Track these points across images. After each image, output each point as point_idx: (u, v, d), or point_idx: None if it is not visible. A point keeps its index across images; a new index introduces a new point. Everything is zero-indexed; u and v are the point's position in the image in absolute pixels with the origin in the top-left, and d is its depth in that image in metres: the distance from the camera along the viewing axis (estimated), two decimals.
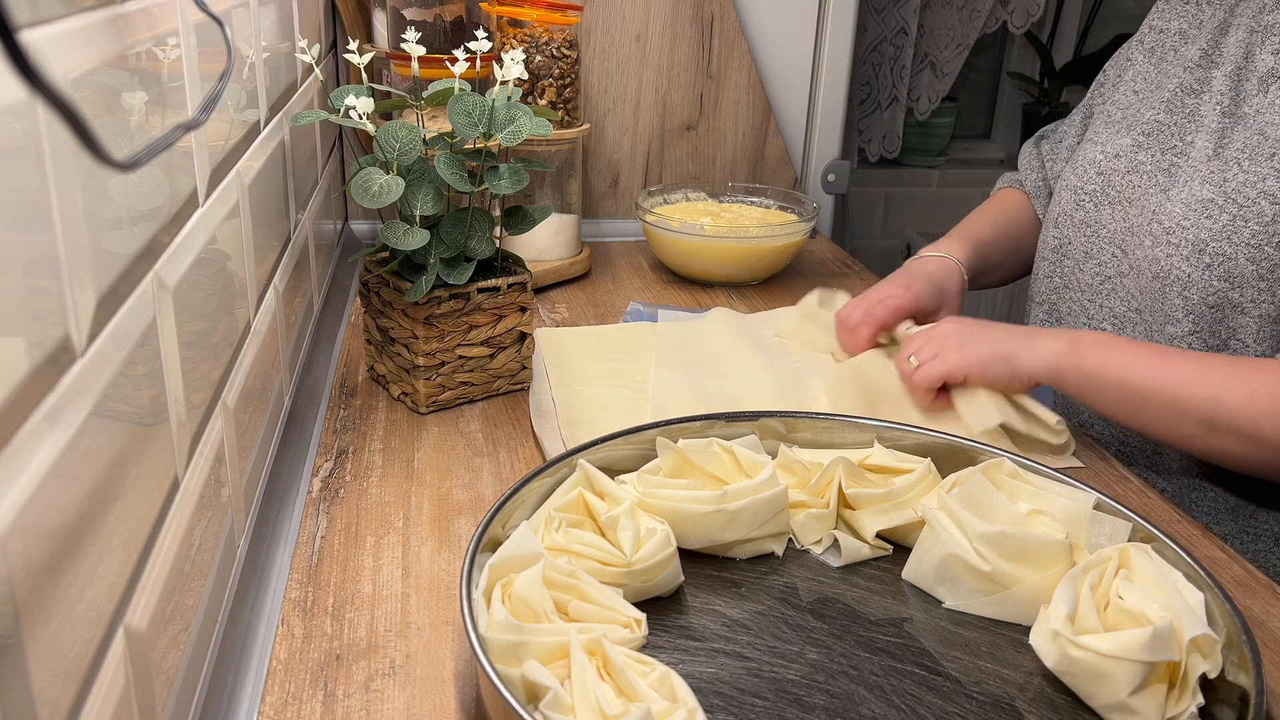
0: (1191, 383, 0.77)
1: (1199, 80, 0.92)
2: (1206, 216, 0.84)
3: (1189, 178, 0.87)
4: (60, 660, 0.36)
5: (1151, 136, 0.93)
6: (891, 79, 2.32)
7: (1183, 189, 0.87)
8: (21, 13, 0.34)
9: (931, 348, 0.88)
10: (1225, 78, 0.89)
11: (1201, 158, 0.87)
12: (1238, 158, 0.84)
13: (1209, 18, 0.95)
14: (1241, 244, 0.82)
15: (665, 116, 1.44)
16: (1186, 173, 0.88)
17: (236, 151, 0.69)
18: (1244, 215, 0.82)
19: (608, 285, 1.26)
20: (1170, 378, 0.78)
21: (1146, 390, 0.79)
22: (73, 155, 0.38)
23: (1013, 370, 0.84)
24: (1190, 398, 0.77)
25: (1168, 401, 0.78)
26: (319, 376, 0.97)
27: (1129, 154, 0.94)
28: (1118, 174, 0.95)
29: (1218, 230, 0.83)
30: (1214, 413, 0.76)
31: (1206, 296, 0.84)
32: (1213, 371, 0.78)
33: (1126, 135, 0.96)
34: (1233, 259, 0.82)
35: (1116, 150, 0.96)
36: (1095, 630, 0.59)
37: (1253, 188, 0.82)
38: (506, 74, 0.85)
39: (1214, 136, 0.87)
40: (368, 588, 0.67)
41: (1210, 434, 0.77)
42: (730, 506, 0.67)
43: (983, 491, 0.68)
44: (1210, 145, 0.87)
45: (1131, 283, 0.92)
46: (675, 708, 0.51)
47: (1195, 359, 0.79)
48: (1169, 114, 0.93)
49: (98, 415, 0.40)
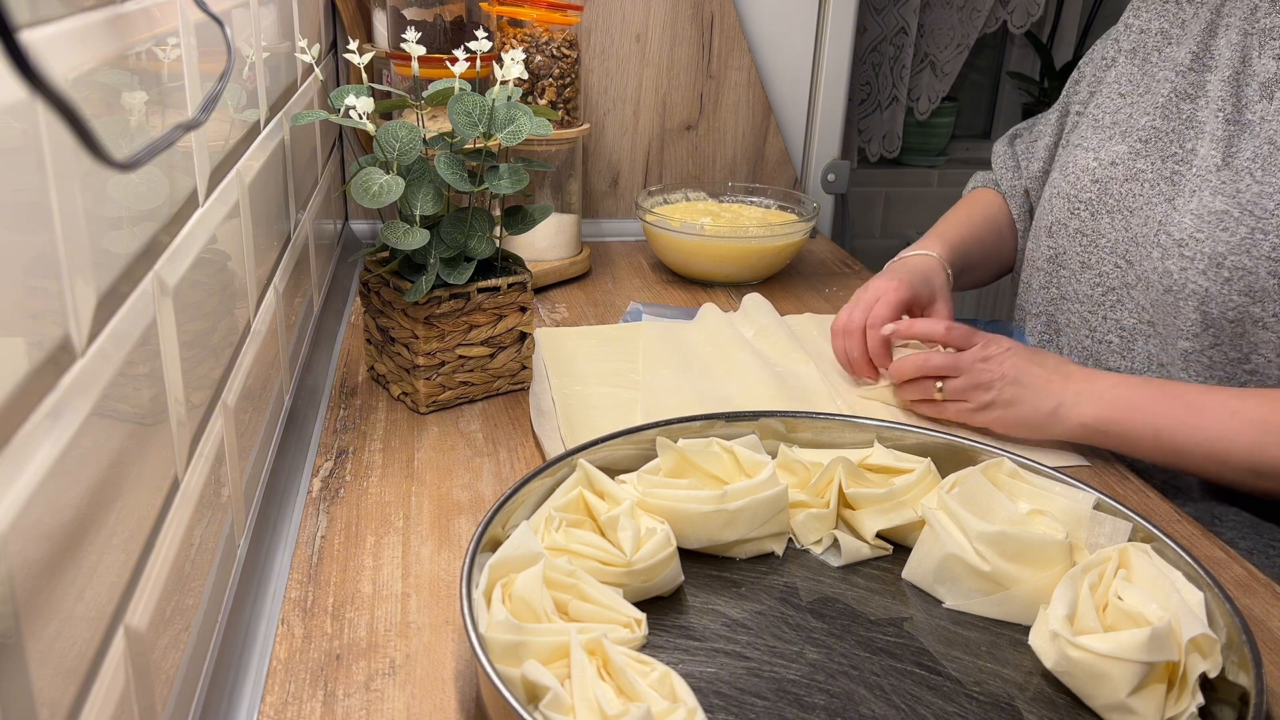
0: (1227, 434, 0.76)
1: (1193, 84, 0.90)
2: (1222, 229, 0.82)
3: (1196, 187, 0.85)
4: (60, 660, 0.36)
5: (1149, 143, 0.92)
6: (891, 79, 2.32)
7: (1191, 199, 0.85)
8: (21, 13, 0.34)
9: (964, 391, 0.86)
10: (1223, 82, 0.87)
11: (1209, 167, 0.85)
12: (1249, 168, 0.83)
13: (1192, 17, 0.93)
14: (1262, 257, 0.80)
15: (665, 116, 1.44)
16: (1193, 182, 0.86)
17: (236, 151, 0.69)
18: (1263, 228, 0.80)
19: (608, 285, 1.26)
20: (1205, 433, 0.77)
21: (1182, 447, 0.78)
22: (73, 155, 0.38)
23: (1040, 437, 0.85)
24: (1229, 450, 0.76)
25: (1207, 455, 0.77)
26: (319, 376, 0.97)
27: (1126, 161, 0.93)
28: (1115, 182, 0.93)
29: (1236, 243, 0.81)
30: (1258, 462, 0.75)
31: (1226, 311, 0.83)
32: (1247, 422, 0.76)
33: (1121, 142, 0.94)
34: (1253, 273, 0.81)
35: (1112, 157, 0.94)
36: (1094, 630, 0.59)
37: (1270, 199, 0.81)
38: (506, 74, 0.85)
39: (1220, 145, 0.85)
40: (368, 587, 0.67)
41: (1256, 480, 0.77)
42: (730, 506, 0.67)
43: (983, 491, 0.68)
44: (1217, 154, 0.85)
45: (1140, 295, 0.90)
46: (675, 708, 0.51)
47: (1229, 405, 0.77)
48: (1165, 119, 0.91)
49: (98, 415, 0.40)
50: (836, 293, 1.26)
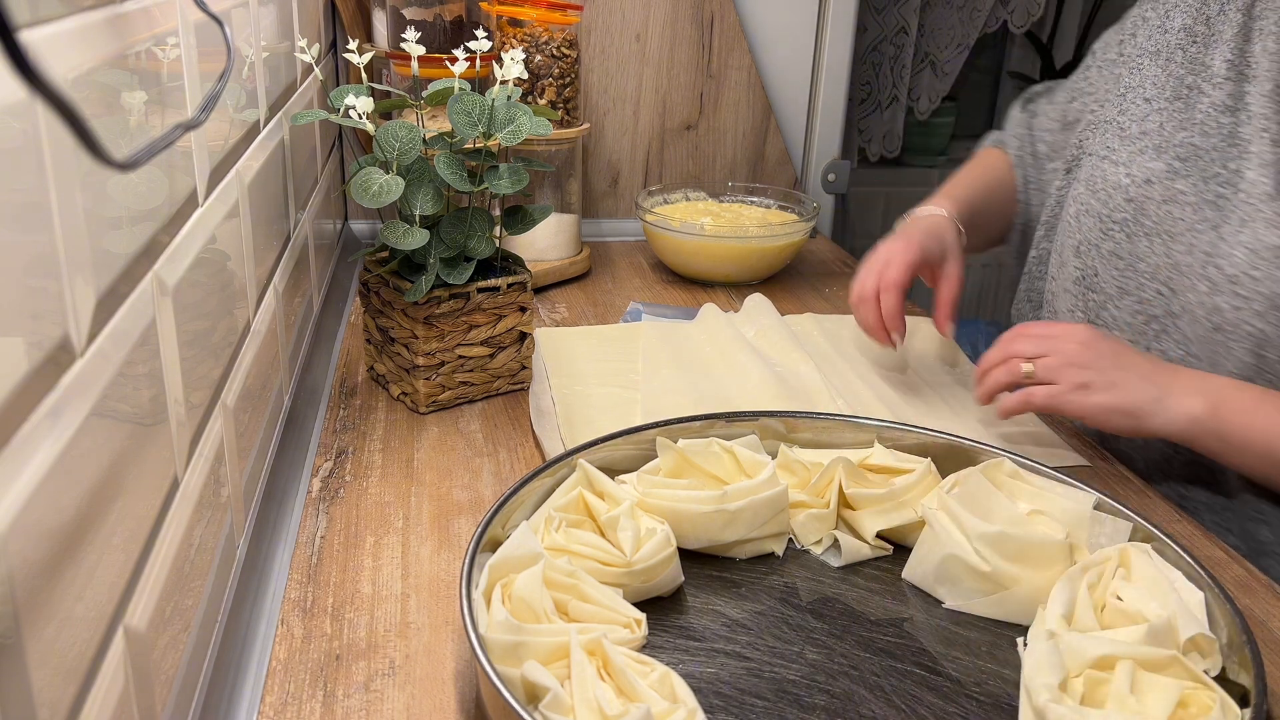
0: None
1: (1231, 96, 0.84)
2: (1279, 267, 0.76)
3: (1247, 217, 0.79)
4: (60, 660, 0.36)
5: (1188, 162, 0.85)
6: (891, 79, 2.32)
7: (1241, 230, 0.79)
8: (21, 13, 0.34)
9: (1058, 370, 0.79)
10: (1264, 98, 0.81)
11: (1259, 195, 0.79)
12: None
13: (1218, 14, 0.87)
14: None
15: (665, 116, 1.44)
16: (1242, 211, 0.80)
17: (236, 151, 0.69)
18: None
19: (608, 285, 1.26)
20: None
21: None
22: (73, 155, 0.38)
23: (1137, 426, 0.77)
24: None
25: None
26: (319, 376, 0.97)
27: (1164, 180, 0.86)
28: (1153, 203, 0.86)
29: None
30: None
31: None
32: None
33: (1157, 158, 0.87)
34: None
35: (1146, 175, 0.87)
36: (1092, 629, 0.59)
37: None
38: (506, 74, 0.85)
39: (1270, 171, 0.79)
40: (367, 588, 0.67)
41: None
42: (730, 506, 0.67)
43: (983, 491, 0.68)
44: (1269, 182, 0.79)
45: (1186, 327, 0.83)
46: (675, 708, 0.51)
47: None
48: (1204, 136, 0.85)
49: (97, 415, 0.40)
50: (836, 293, 1.26)
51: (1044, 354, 0.80)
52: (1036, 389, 0.80)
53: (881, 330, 0.93)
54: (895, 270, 0.92)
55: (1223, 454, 0.77)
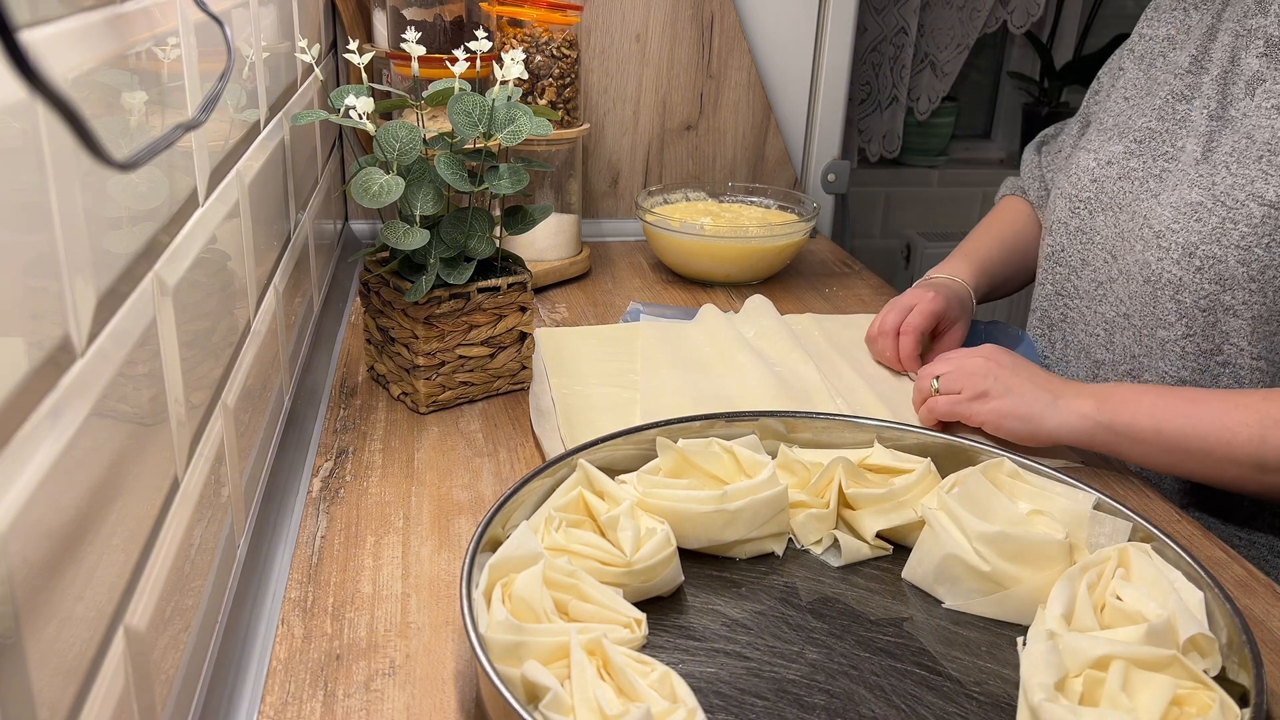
0: (1231, 426, 0.75)
1: (1189, 86, 0.92)
2: (1196, 219, 0.84)
3: (1178, 181, 0.88)
4: (60, 660, 0.36)
5: (1144, 143, 0.94)
6: (891, 79, 2.32)
7: (1172, 193, 0.88)
8: (21, 13, 0.34)
9: (958, 380, 0.86)
10: (1213, 82, 0.89)
11: (1190, 161, 0.87)
12: (1226, 161, 0.84)
13: (1197, 23, 0.95)
14: (1231, 246, 0.82)
15: (665, 116, 1.44)
16: (1176, 177, 0.88)
17: (236, 151, 0.69)
18: (1233, 218, 0.82)
19: (608, 285, 1.26)
20: (1208, 424, 0.75)
21: (1186, 440, 0.76)
22: (73, 155, 0.38)
23: (1033, 431, 0.82)
24: (1232, 442, 0.74)
25: (1209, 449, 0.75)
26: (319, 376, 0.97)
27: (1121, 160, 0.95)
28: (1110, 180, 0.95)
29: (1207, 233, 0.83)
30: (1262, 453, 0.74)
31: (1199, 300, 0.84)
32: (1250, 410, 0.75)
33: (1118, 142, 0.96)
34: (1223, 261, 0.82)
35: (1109, 157, 0.96)
36: (1091, 629, 0.59)
37: (1241, 190, 0.82)
38: (506, 74, 0.85)
39: (1202, 140, 0.87)
40: (368, 588, 0.67)
41: (1261, 475, 0.75)
42: (730, 506, 0.67)
43: (983, 491, 0.68)
44: (1199, 149, 0.87)
45: (1121, 288, 0.92)
46: (675, 708, 0.51)
47: (1229, 399, 0.76)
48: (1160, 120, 0.93)
49: (98, 415, 0.40)
50: (836, 293, 1.26)
51: (951, 371, 0.87)
52: (939, 398, 0.87)
53: (896, 365, 1.00)
54: (918, 316, 0.99)
55: (1117, 447, 0.80)
